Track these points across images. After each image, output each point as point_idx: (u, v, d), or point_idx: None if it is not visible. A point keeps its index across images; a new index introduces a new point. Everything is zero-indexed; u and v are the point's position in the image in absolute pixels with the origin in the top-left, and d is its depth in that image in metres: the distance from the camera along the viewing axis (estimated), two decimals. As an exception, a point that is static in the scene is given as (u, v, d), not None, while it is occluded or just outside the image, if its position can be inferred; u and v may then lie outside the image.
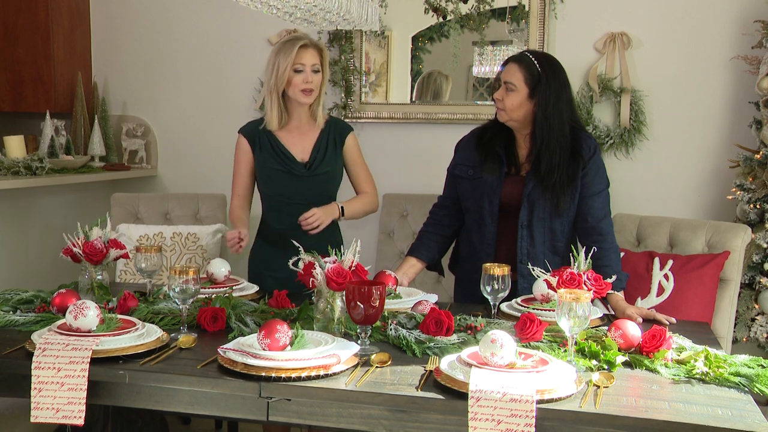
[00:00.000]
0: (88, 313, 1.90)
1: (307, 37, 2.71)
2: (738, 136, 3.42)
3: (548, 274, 2.19)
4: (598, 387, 1.70)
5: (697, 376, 1.79)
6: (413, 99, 3.83)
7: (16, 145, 3.61)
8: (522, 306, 2.31)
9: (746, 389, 1.73)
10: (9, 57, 4.02)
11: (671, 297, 2.70)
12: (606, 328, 2.07)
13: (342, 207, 2.73)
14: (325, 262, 2.01)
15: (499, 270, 2.17)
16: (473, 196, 2.57)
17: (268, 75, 2.70)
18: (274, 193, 2.75)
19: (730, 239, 2.83)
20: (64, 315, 1.96)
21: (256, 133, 2.76)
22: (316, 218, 2.63)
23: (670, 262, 2.75)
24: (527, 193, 2.47)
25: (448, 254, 2.78)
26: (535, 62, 2.46)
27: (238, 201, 2.80)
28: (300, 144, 2.75)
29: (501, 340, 1.68)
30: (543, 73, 2.45)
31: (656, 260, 2.77)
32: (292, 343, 1.79)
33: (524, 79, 2.45)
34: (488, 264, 2.20)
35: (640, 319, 2.25)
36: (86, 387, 1.76)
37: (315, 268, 2.00)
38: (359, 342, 1.92)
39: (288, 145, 2.74)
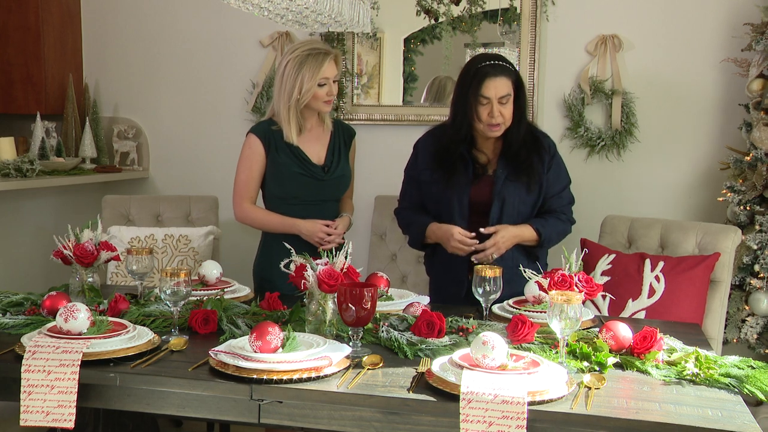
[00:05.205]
0: (78, 316, 1.89)
1: (326, 46, 2.68)
2: (728, 138, 3.44)
3: (540, 275, 2.20)
4: (590, 388, 1.71)
5: (688, 377, 1.80)
6: (423, 101, 3.83)
7: (6, 147, 3.59)
8: (513, 308, 2.32)
9: (736, 390, 1.73)
10: (-1, 58, 4.01)
11: (662, 298, 2.71)
12: (597, 329, 2.08)
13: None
14: (317, 264, 2.01)
15: (491, 272, 2.18)
16: (443, 198, 2.60)
17: (288, 88, 2.61)
18: (286, 194, 2.71)
19: (721, 241, 2.84)
20: (54, 317, 1.95)
21: (270, 134, 2.70)
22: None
23: (661, 264, 2.76)
24: (497, 191, 2.53)
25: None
26: (507, 65, 2.52)
27: (252, 203, 2.75)
28: (314, 147, 2.74)
29: (492, 342, 1.69)
30: (516, 71, 2.54)
31: (647, 262, 2.77)
32: (283, 346, 1.79)
33: (513, 86, 2.51)
34: (480, 266, 2.21)
35: (493, 229, 2.47)
36: (76, 390, 1.75)
37: (306, 270, 2.00)
38: (351, 344, 1.92)
39: (304, 149, 2.71)
